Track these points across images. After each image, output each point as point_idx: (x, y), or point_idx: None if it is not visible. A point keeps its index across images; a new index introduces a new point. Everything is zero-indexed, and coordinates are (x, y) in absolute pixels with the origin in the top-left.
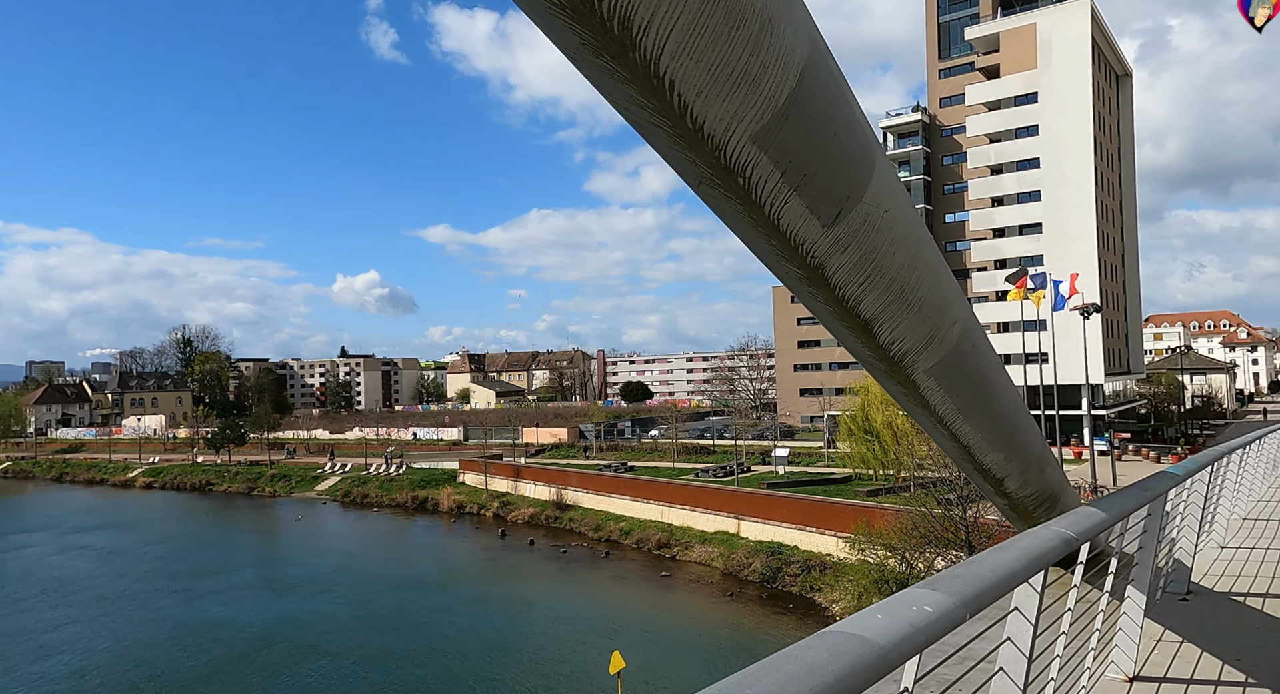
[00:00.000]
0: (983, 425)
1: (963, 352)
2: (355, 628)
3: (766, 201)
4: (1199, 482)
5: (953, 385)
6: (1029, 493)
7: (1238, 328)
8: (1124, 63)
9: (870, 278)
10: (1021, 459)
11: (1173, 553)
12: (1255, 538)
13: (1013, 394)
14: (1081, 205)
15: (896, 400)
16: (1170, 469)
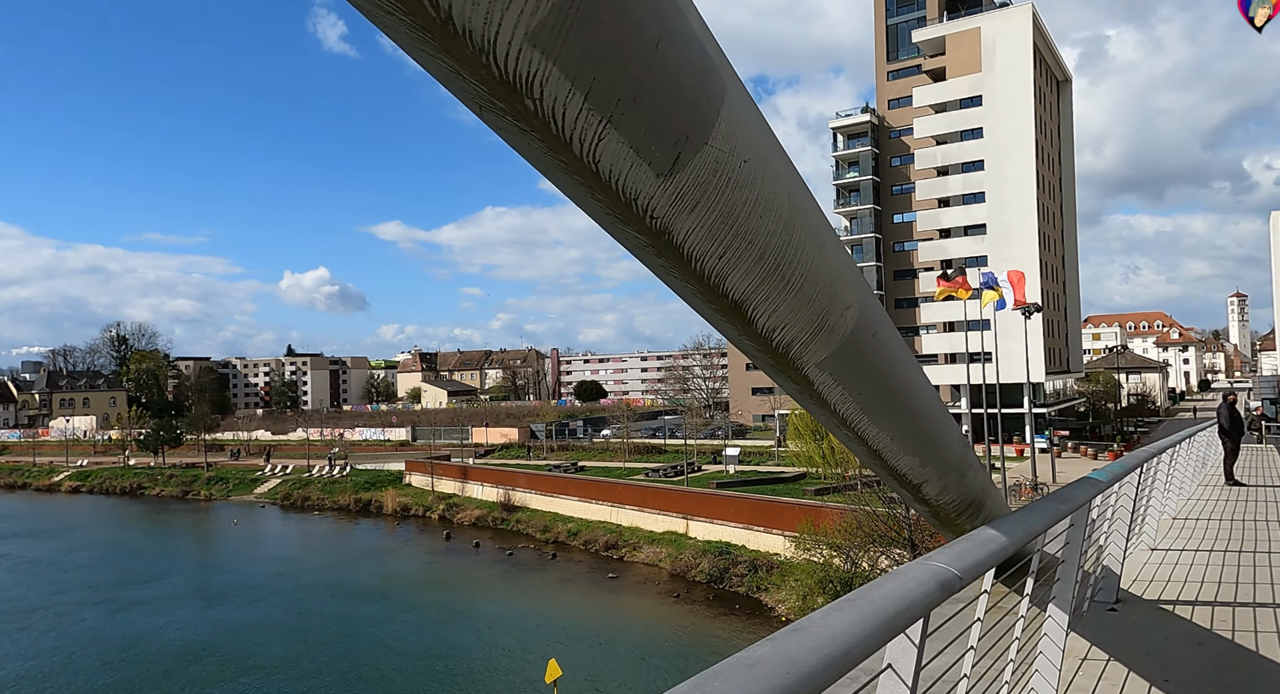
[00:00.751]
0: (892, 427)
1: (861, 342)
2: (290, 639)
3: (574, 136)
4: (1128, 484)
5: (852, 381)
6: (950, 499)
7: (1170, 328)
8: (1064, 68)
9: (733, 248)
10: (939, 464)
11: (1101, 559)
12: (1185, 538)
13: (927, 392)
14: (1024, 207)
15: (793, 398)
16: (1094, 474)
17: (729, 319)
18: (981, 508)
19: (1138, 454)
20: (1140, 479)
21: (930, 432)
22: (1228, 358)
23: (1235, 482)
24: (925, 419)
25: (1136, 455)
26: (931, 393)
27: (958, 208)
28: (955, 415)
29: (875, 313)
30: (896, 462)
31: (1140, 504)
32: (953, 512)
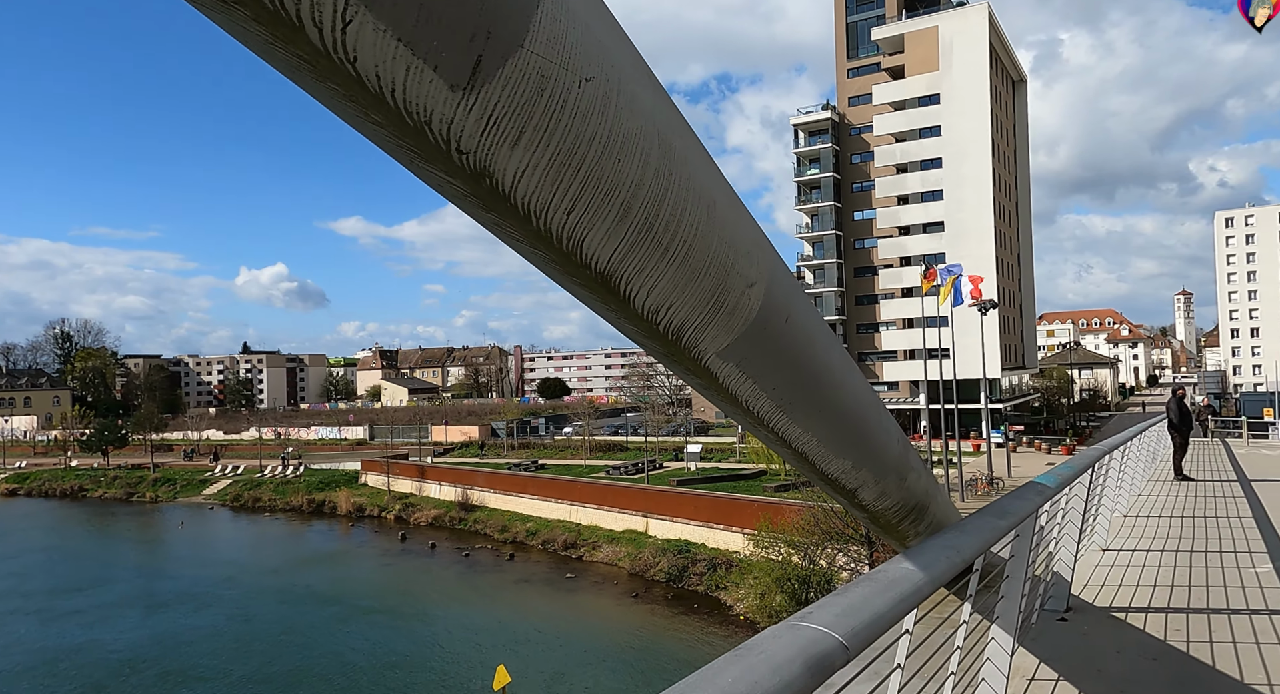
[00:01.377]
0: (817, 426)
1: (771, 328)
2: (235, 648)
3: (324, 24)
4: (1079, 485)
5: (765, 374)
6: (889, 504)
7: (1120, 325)
8: (1019, 68)
9: (584, 200)
10: (876, 466)
11: (1051, 565)
12: (1136, 538)
13: (857, 387)
14: (980, 205)
15: (700, 393)
16: (1043, 477)
17: (599, 296)
18: (925, 512)
19: (1089, 453)
20: (1091, 479)
21: (863, 431)
22: (1174, 354)
23: (1184, 477)
24: (856, 417)
25: (1088, 454)
26: (864, 388)
27: (916, 205)
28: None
29: (788, 292)
30: (826, 465)
31: (1091, 504)
32: (893, 518)
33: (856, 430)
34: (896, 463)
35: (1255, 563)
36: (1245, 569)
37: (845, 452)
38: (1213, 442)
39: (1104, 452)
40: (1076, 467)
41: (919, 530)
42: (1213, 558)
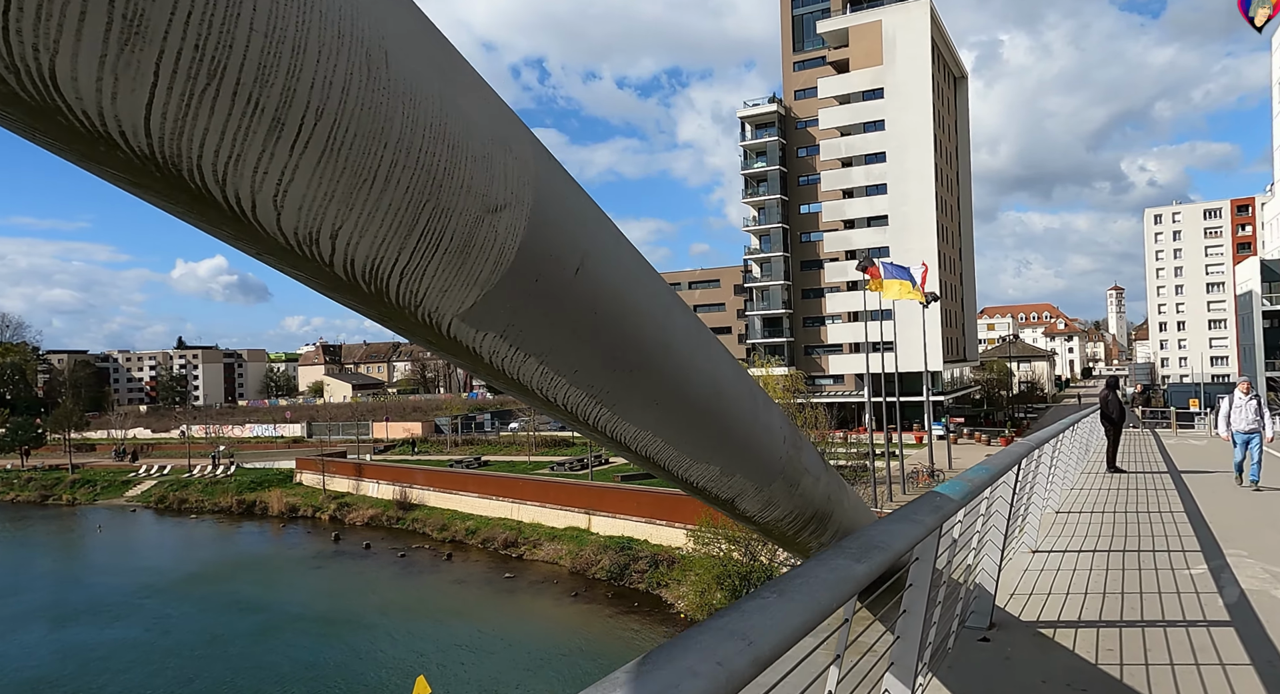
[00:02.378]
0: (657, 422)
1: (547, 279)
2: (151, 662)
3: None
4: (1003, 485)
5: (551, 349)
6: (779, 515)
7: (1057, 319)
8: (960, 65)
9: (212, 89)
10: (754, 471)
11: (973, 575)
12: (1068, 537)
13: (716, 370)
14: (923, 199)
15: (477, 376)
16: (965, 475)
17: (223, 224)
18: (828, 520)
19: (1016, 448)
20: (1020, 476)
21: (729, 428)
22: (1107, 347)
23: (1117, 469)
24: (716, 411)
25: (1014, 450)
26: (728, 373)
27: (861, 199)
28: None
29: (576, 229)
30: (686, 471)
31: (1020, 502)
32: (788, 529)
33: (718, 427)
34: (785, 466)
35: (1189, 563)
36: (1180, 571)
37: (706, 454)
38: (1143, 432)
39: (1033, 445)
40: (1003, 462)
41: (822, 541)
42: (1146, 558)
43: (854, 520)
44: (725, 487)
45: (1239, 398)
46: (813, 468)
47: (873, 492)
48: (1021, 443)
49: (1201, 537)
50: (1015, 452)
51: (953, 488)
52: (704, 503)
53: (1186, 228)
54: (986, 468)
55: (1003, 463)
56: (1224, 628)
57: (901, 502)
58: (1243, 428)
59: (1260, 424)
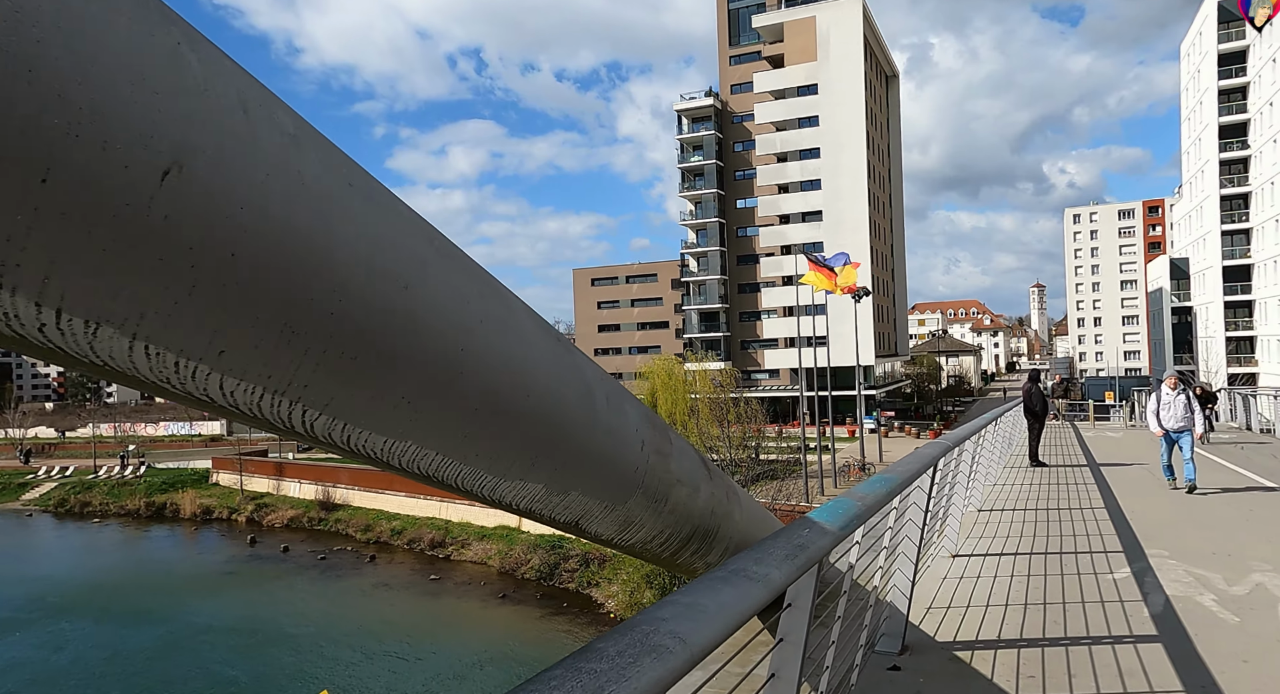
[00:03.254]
0: (428, 431)
1: (208, 231)
2: (41, 683)
3: None
4: (917, 490)
5: (146, 303)
6: (645, 537)
7: (984, 315)
8: (892, 64)
9: None
10: (595, 488)
11: (885, 591)
12: (989, 538)
13: (532, 360)
14: (856, 195)
15: None
16: (877, 478)
17: None
18: (714, 537)
19: (933, 447)
20: (938, 476)
21: (554, 438)
22: (1030, 342)
23: (1039, 463)
24: (530, 416)
25: (931, 450)
26: (553, 364)
27: (796, 194)
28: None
29: (258, 159)
30: (494, 490)
31: (939, 504)
32: (661, 551)
33: (533, 434)
34: (646, 478)
35: (1112, 566)
36: (1103, 575)
37: (518, 469)
38: (1063, 425)
39: (950, 444)
40: (916, 464)
41: (709, 560)
42: (1069, 562)
43: (748, 533)
44: (558, 508)
45: (1166, 394)
46: (688, 477)
47: (804, 486)
48: (938, 442)
49: (1124, 536)
50: (930, 453)
51: (880, 481)
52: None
53: (1103, 227)
54: (896, 473)
55: (917, 465)
56: (1152, 645)
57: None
58: (1172, 425)
59: (1189, 421)
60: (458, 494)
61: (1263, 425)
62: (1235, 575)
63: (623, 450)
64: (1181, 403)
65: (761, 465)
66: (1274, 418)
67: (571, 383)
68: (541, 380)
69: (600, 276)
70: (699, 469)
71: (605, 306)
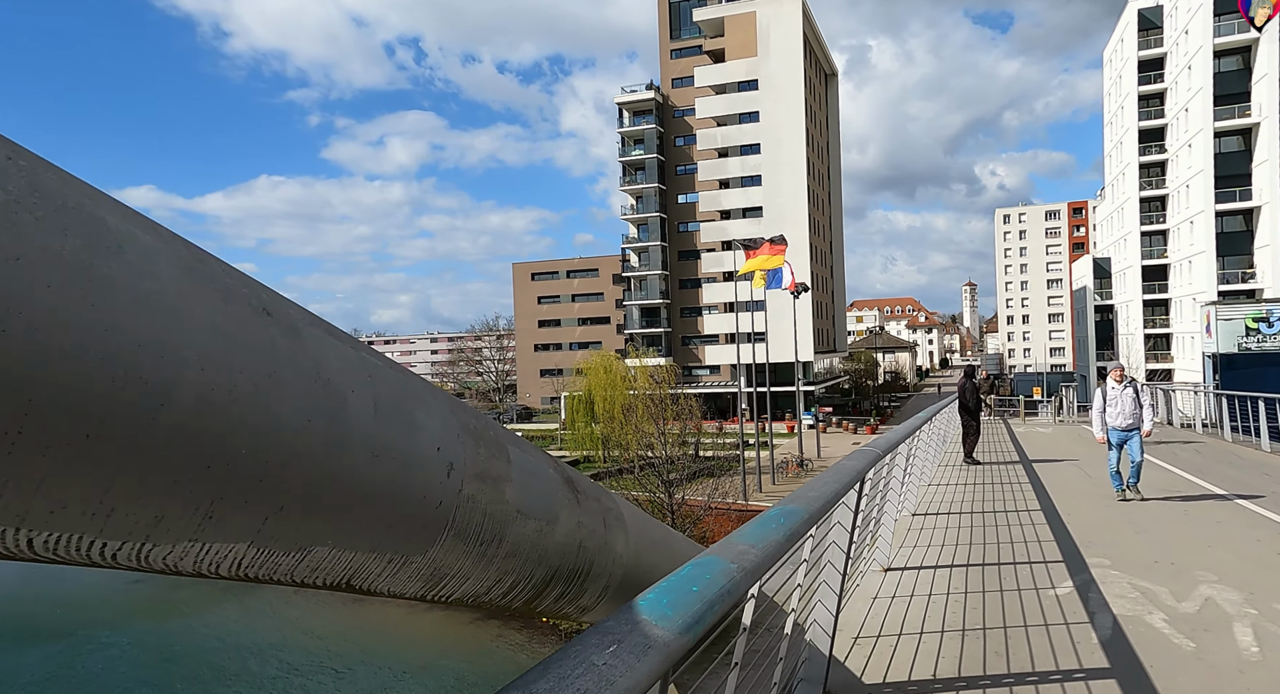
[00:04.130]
0: None
1: None
2: None
3: None
4: (843, 508)
5: None
6: (474, 589)
7: (919, 313)
8: (831, 62)
9: None
10: (354, 535)
11: (806, 625)
12: (924, 547)
13: (221, 342)
14: (795, 191)
15: None
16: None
17: None
18: (583, 577)
19: (864, 456)
20: (868, 488)
21: (248, 466)
22: (962, 339)
23: (974, 461)
24: (186, 432)
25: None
26: (266, 351)
27: (737, 190)
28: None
29: None
30: (163, 556)
31: (869, 515)
32: (505, 601)
33: (199, 460)
34: (463, 515)
35: (1054, 579)
36: (1045, 591)
37: (189, 522)
38: (994, 421)
39: (883, 450)
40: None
41: (583, 604)
42: (1008, 574)
43: (638, 565)
44: (298, 569)
45: (1112, 388)
46: (537, 507)
47: (742, 483)
48: (866, 451)
49: (1062, 543)
50: (855, 465)
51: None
52: None
53: (1031, 228)
54: (817, 493)
55: (837, 485)
56: (1104, 681)
57: (773, 493)
58: (1121, 424)
59: (1139, 417)
60: None
61: (1183, 420)
62: (1182, 589)
63: (408, 479)
64: (1130, 397)
65: (700, 462)
66: (1194, 413)
67: (289, 380)
68: (214, 376)
69: (540, 271)
70: (558, 494)
71: (546, 302)
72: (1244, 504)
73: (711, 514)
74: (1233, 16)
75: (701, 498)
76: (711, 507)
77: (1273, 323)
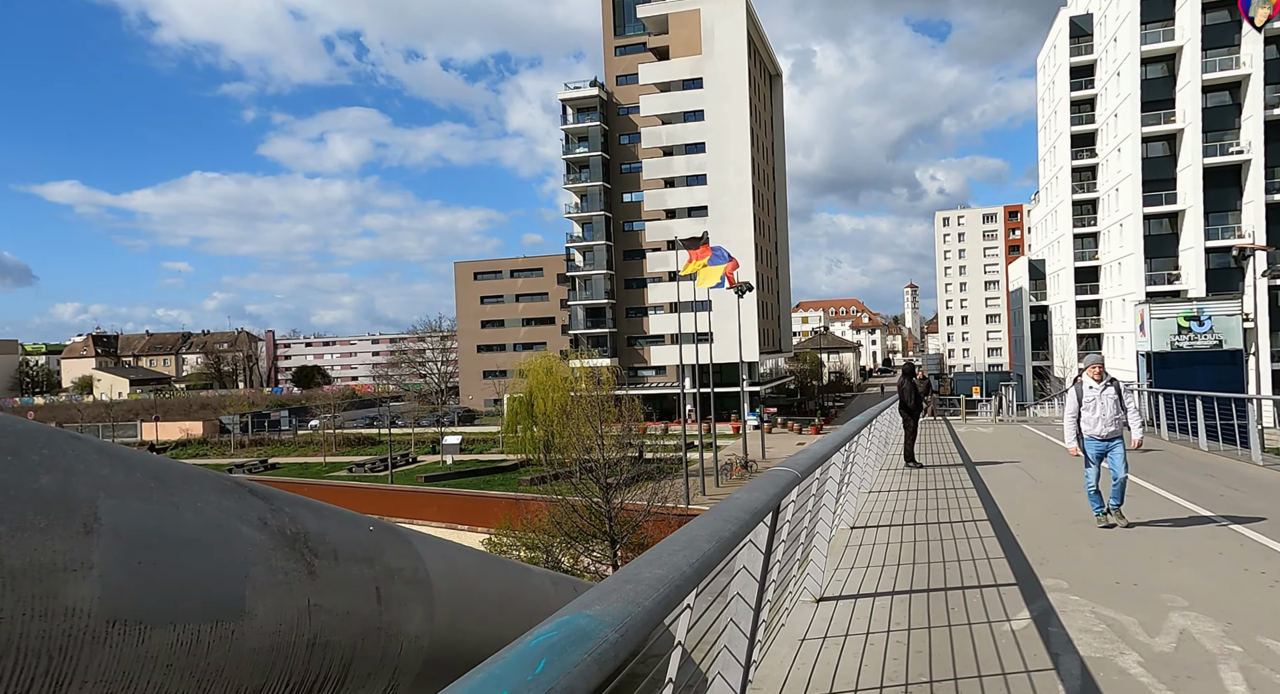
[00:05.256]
0: None
1: None
2: None
3: None
4: (759, 533)
5: None
6: None
7: (862, 314)
8: (776, 63)
9: None
10: None
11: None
12: (862, 569)
13: None
14: (740, 189)
15: None
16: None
17: None
18: (343, 684)
19: (774, 480)
20: (790, 514)
21: None
22: (904, 340)
23: (915, 463)
24: None
25: (773, 482)
26: None
27: (682, 189)
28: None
29: None
30: None
31: (796, 540)
32: None
33: None
34: None
35: (1008, 609)
36: (998, 625)
37: None
38: (936, 420)
39: (805, 469)
40: (743, 514)
41: (399, 682)
42: (956, 603)
43: (464, 642)
44: None
45: (1090, 387)
46: (169, 603)
47: (685, 486)
48: (779, 473)
49: (1014, 560)
50: (760, 497)
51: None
52: None
53: (969, 230)
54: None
55: (735, 525)
56: None
57: (715, 495)
58: (1100, 432)
59: (1122, 422)
60: None
61: None
62: (1152, 619)
63: None
64: (1111, 399)
65: (644, 465)
66: None
67: None
68: None
69: (483, 270)
70: (255, 568)
71: (489, 302)
72: (1195, 509)
73: (651, 519)
74: (1159, 24)
75: (642, 502)
76: (651, 511)
77: (1204, 322)
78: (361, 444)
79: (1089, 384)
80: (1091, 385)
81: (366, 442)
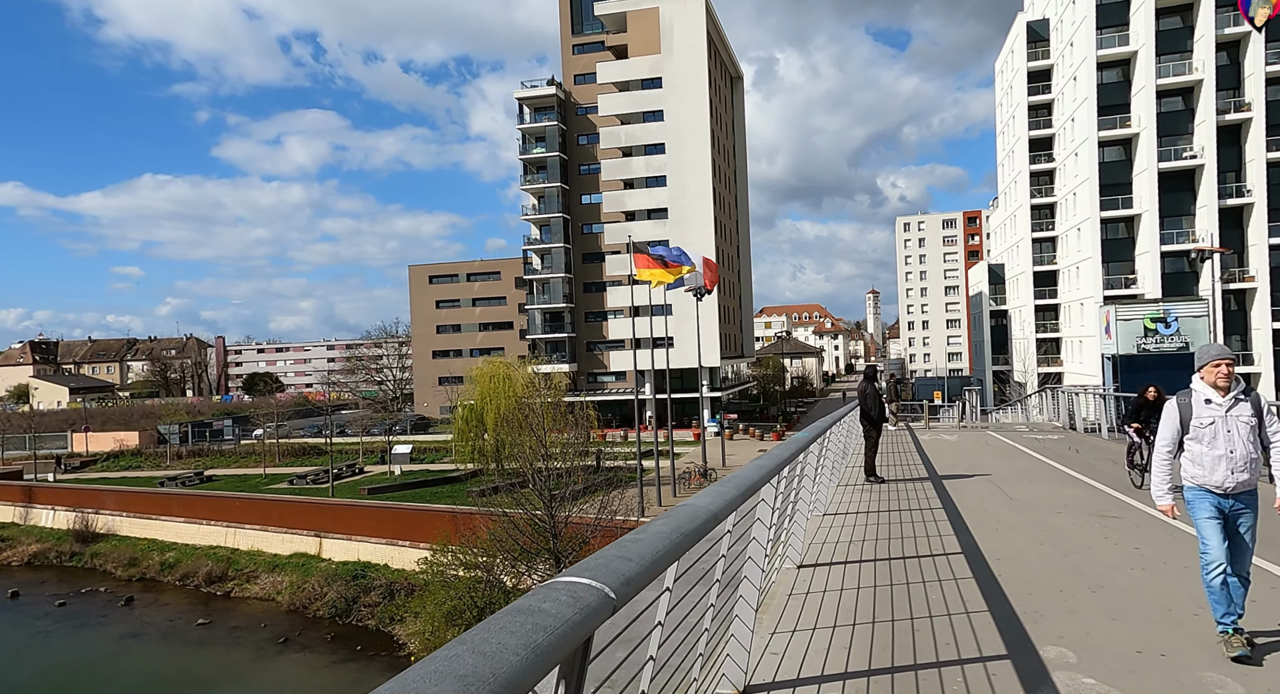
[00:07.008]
0: None
1: None
2: None
3: None
4: None
5: None
6: None
7: (825, 319)
8: (736, 64)
9: None
10: None
11: None
12: (806, 632)
13: None
14: (701, 191)
15: None
16: None
17: None
18: None
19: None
20: (702, 557)
21: None
22: (866, 345)
23: (877, 478)
24: None
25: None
26: None
27: (641, 191)
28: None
29: None
30: None
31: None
32: None
33: None
34: None
35: (984, 653)
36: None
37: None
38: (899, 430)
39: (728, 504)
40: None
41: None
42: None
43: None
44: None
45: (1209, 399)
46: None
47: (639, 496)
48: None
49: (1000, 617)
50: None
51: None
52: None
53: (929, 236)
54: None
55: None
56: None
57: (672, 505)
58: (1225, 481)
59: (1256, 467)
60: None
61: (1087, 425)
62: None
63: None
64: (1246, 423)
65: (602, 474)
66: (1099, 417)
67: None
68: None
69: (439, 274)
70: None
71: (445, 306)
72: None
73: (598, 534)
74: (1114, 30)
75: (590, 515)
76: (600, 525)
77: (1170, 323)
78: (307, 454)
79: (1205, 396)
80: (1207, 401)
81: (313, 451)
